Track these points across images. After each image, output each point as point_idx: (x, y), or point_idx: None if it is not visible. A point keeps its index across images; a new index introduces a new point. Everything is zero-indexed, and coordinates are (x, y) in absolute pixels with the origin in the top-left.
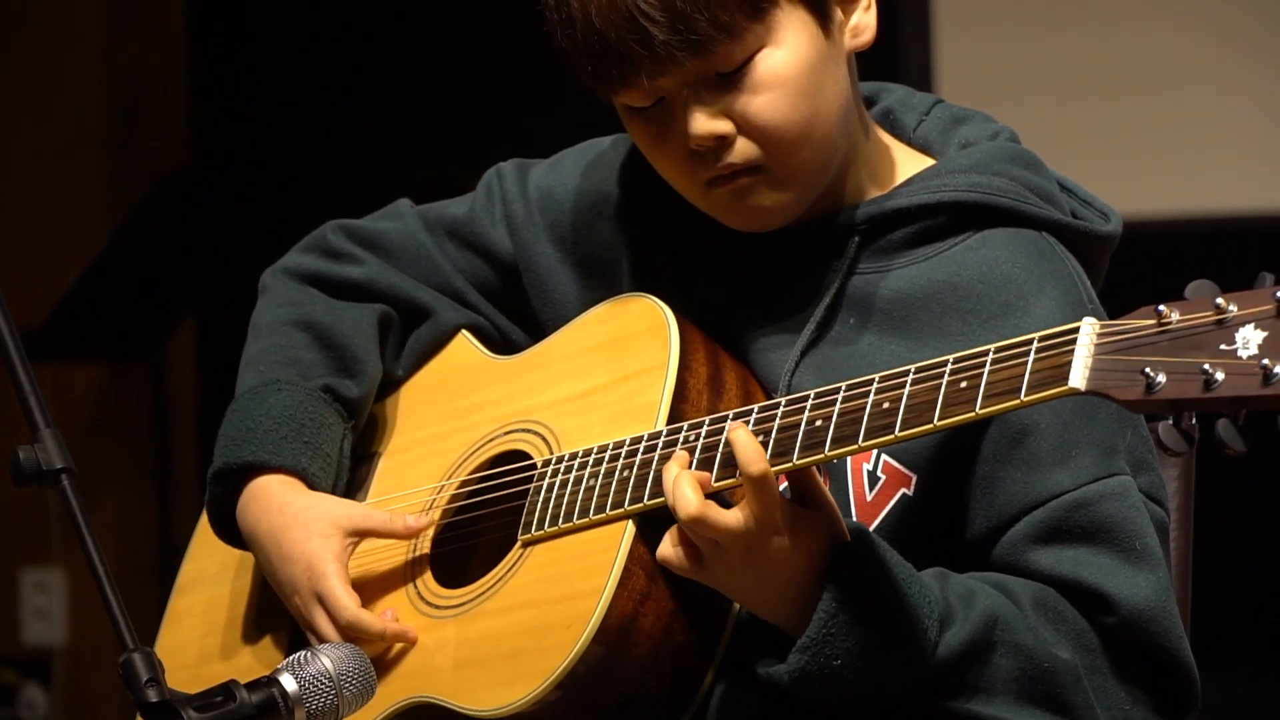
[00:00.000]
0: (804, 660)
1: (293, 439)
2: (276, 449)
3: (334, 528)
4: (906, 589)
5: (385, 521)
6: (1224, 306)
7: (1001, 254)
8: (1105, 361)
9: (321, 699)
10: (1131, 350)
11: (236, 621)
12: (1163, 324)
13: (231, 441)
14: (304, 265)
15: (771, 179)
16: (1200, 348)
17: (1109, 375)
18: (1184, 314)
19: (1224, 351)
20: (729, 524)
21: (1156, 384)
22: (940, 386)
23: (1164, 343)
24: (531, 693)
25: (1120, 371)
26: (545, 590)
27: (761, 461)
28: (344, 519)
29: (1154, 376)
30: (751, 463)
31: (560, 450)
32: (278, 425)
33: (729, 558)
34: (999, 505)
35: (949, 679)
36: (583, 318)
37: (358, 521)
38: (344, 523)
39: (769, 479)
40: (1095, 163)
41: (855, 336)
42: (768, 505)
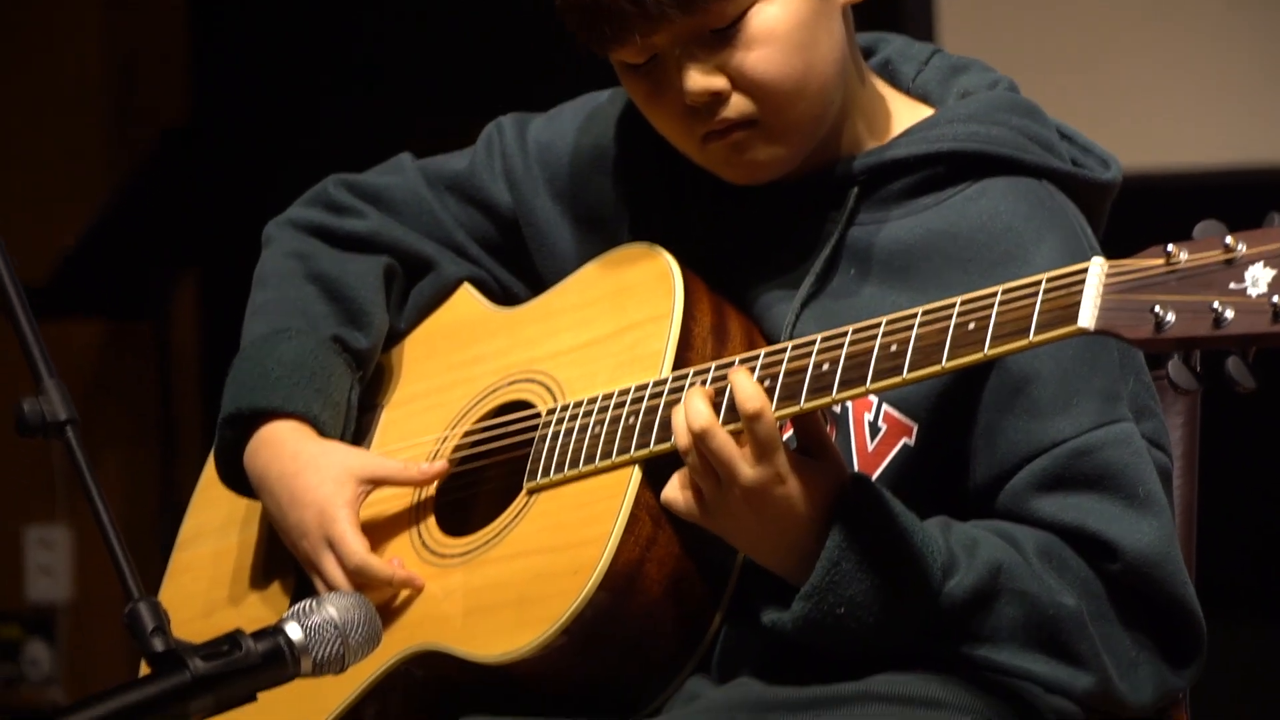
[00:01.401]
0: (808, 608)
1: (304, 386)
2: (289, 395)
3: (348, 475)
4: (910, 537)
5: (399, 469)
6: (1233, 245)
7: (1001, 203)
8: (1114, 301)
9: (327, 647)
10: (1140, 289)
11: (241, 573)
12: (1171, 263)
13: (243, 387)
14: (307, 218)
15: (767, 133)
16: (1209, 286)
17: (1118, 314)
18: (1193, 253)
19: (1233, 290)
20: (734, 452)
21: (1166, 322)
22: (948, 328)
23: (1173, 282)
24: (538, 639)
25: (1129, 311)
26: (551, 537)
27: (757, 400)
28: (358, 467)
29: (1163, 315)
30: (747, 401)
31: (565, 399)
32: (289, 372)
33: (733, 503)
34: (1001, 454)
35: (954, 627)
36: (585, 268)
37: (371, 469)
38: (358, 470)
39: (766, 418)
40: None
41: (856, 287)
42: (768, 447)
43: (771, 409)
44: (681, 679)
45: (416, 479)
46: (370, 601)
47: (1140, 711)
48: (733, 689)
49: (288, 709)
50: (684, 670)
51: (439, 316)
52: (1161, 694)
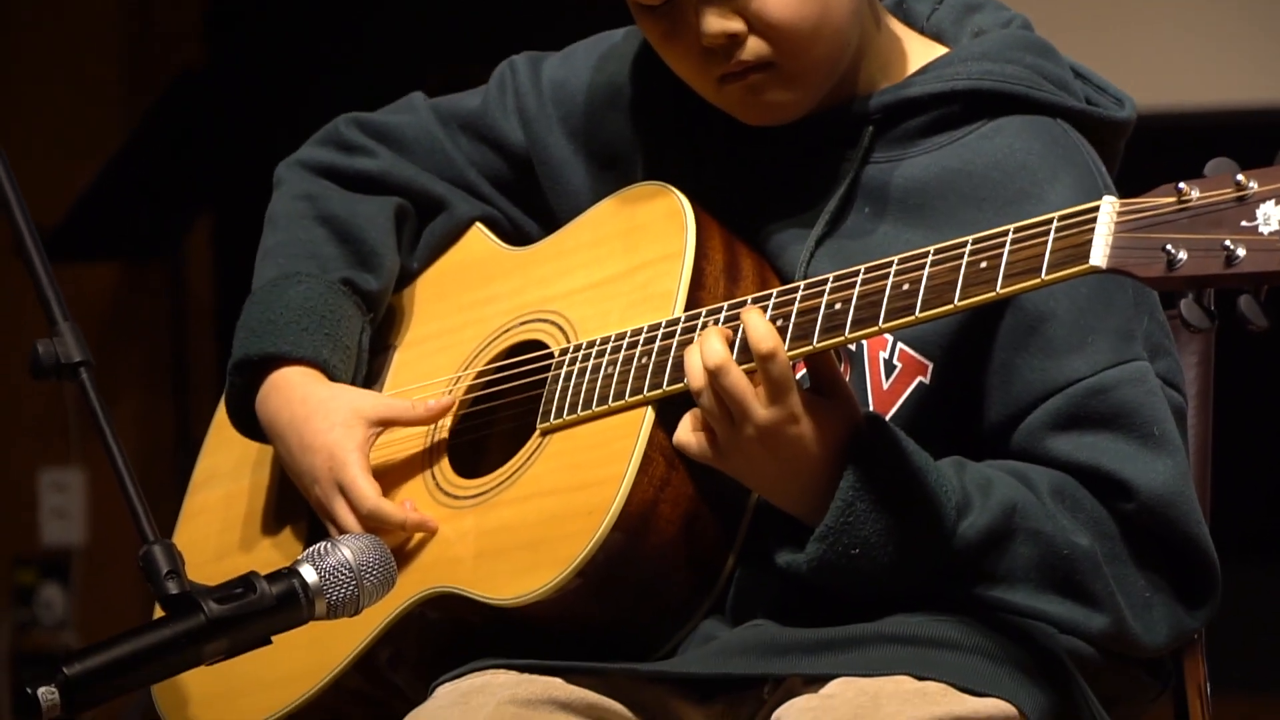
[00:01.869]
0: (822, 549)
1: (313, 331)
2: (298, 341)
3: (357, 418)
4: (925, 476)
5: (408, 409)
6: (1244, 183)
7: (1016, 141)
8: (1126, 239)
9: (342, 590)
10: (1152, 228)
11: (254, 516)
12: (1183, 201)
13: (252, 333)
14: (318, 158)
15: (783, 75)
16: (1221, 224)
17: (1130, 253)
18: (1204, 191)
19: (1245, 228)
20: (749, 390)
21: (1177, 261)
22: (960, 267)
23: (1184, 220)
24: (552, 581)
25: (1141, 249)
26: (564, 478)
27: (770, 340)
28: (367, 409)
29: (1175, 254)
30: (761, 340)
31: (577, 339)
32: (299, 317)
33: (747, 443)
34: (1016, 393)
35: (968, 567)
36: (597, 207)
37: (381, 411)
38: (367, 413)
39: (779, 358)
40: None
41: (870, 226)
42: (781, 387)
43: (784, 348)
44: (696, 621)
45: (424, 417)
46: (384, 544)
47: (1155, 652)
48: (747, 631)
49: (302, 652)
50: (698, 612)
51: (451, 256)
52: (1176, 634)
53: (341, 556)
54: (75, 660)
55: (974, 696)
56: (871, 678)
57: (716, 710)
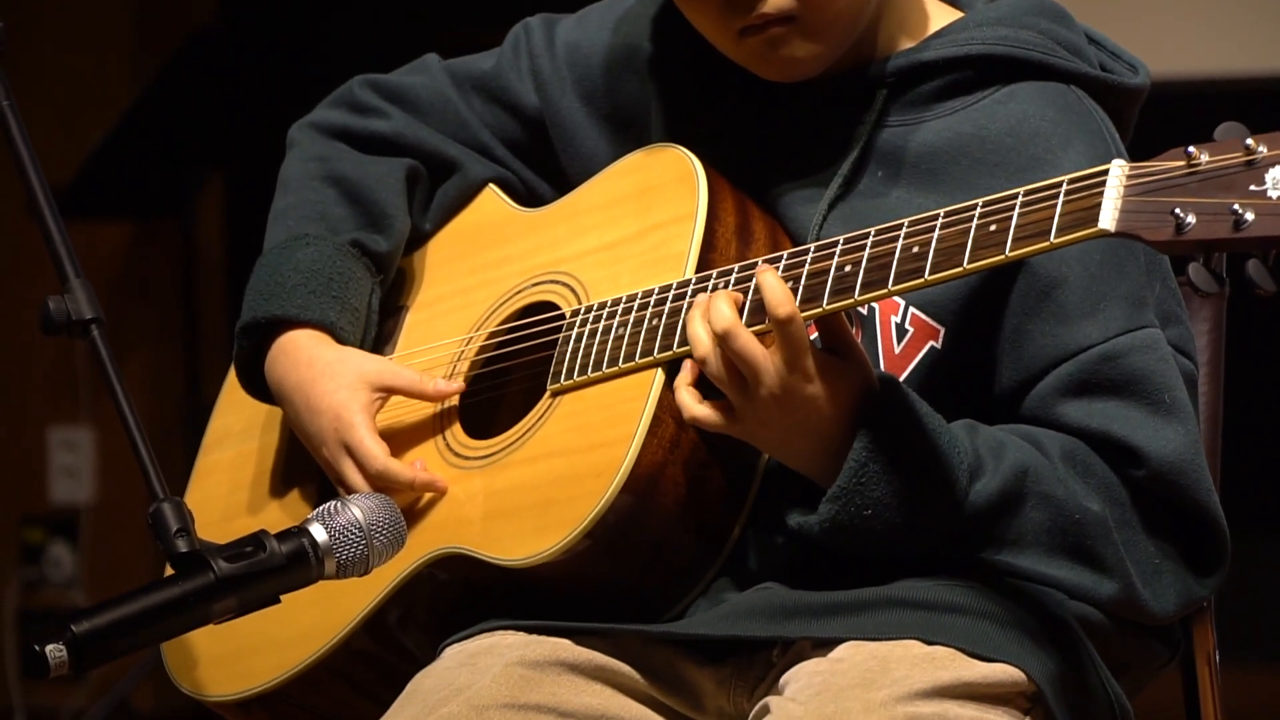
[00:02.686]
0: (835, 510)
1: (321, 293)
2: (305, 303)
3: (361, 381)
4: (937, 438)
5: (414, 381)
6: (1253, 147)
7: (1029, 107)
8: (1135, 203)
9: (352, 549)
10: (1161, 191)
11: (264, 476)
12: (1192, 165)
13: (260, 296)
14: (331, 119)
15: (805, 29)
16: (1230, 188)
17: (1138, 216)
18: (1213, 155)
19: (1254, 192)
20: (760, 352)
21: (1186, 224)
22: (970, 230)
23: (1193, 184)
24: (560, 542)
25: (1150, 213)
26: (574, 439)
27: (789, 304)
28: (372, 374)
29: (1183, 217)
30: (779, 304)
31: (589, 300)
32: (306, 280)
33: (761, 407)
34: (1027, 358)
35: (979, 530)
36: (610, 169)
37: (385, 378)
38: (371, 377)
39: (796, 321)
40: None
41: (883, 189)
42: (797, 349)
43: (799, 311)
44: (705, 583)
45: (430, 394)
46: (394, 504)
47: (1163, 620)
48: (756, 594)
49: (311, 612)
50: (707, 574)
51: (464, 218)
52: (1185, 602)
53: (351, 515)
54: (83, 618)
55: (982, 661)
56: (880, 642)
57: (725, 672)
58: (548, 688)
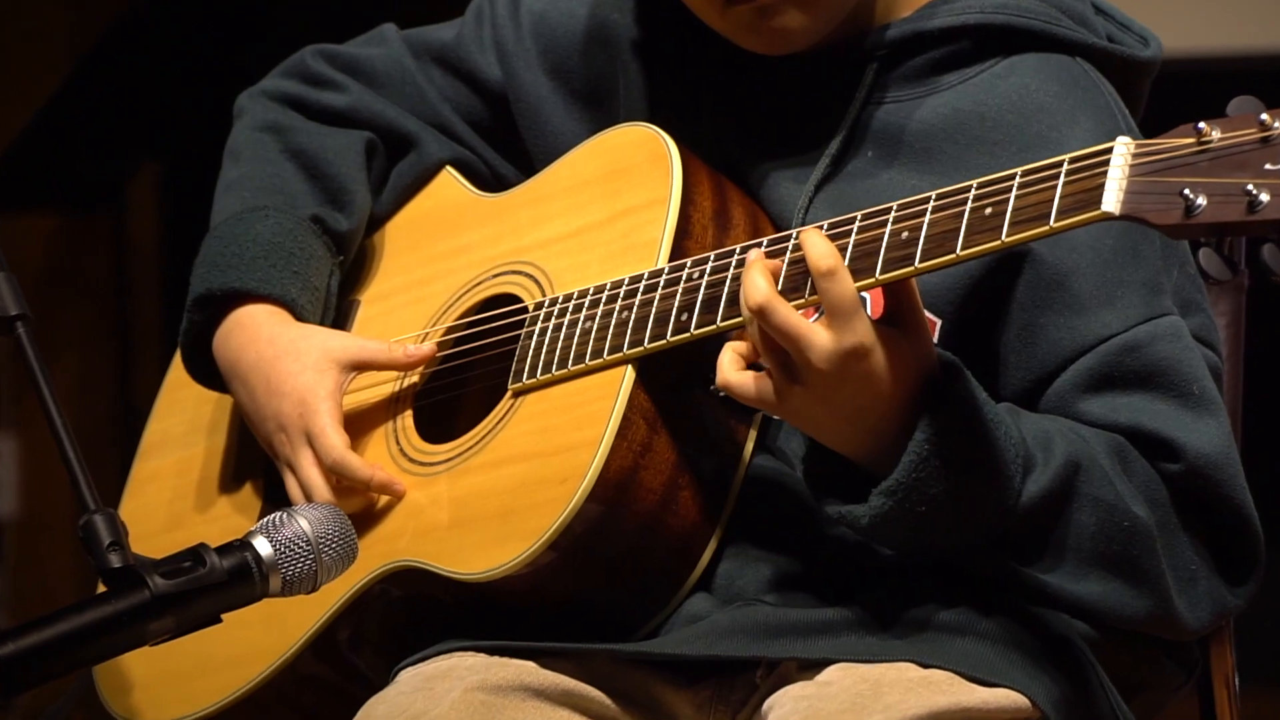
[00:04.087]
0: (888, 505)
1: (281, 268)
2: (265, 276)
3: (329, 361)
4: (995, 430)
5: (384, 352)
6: (1269, 123)
7: (1032, 81)
8: (1141, 184)
9: (298, 564)
10: (1169, 171)
11: (208, 484)
12: (1202, 143)
13: (214, 267)
14: (283, 89)
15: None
16: (1243, 167)
17: (1145, 198)
18: (1225, 132)
19: (1269, 171)
20: (799, 326)
21: (1196, 207)
22: (963, 213)
23: (1204, 163)
24: (523, 554)
25: (1157, 194)
26: (538, 443)
27: (832, 257)
28: (339, 351)
29: (1193, 199)
30: (821, 258)
31: (554, 292)
32: (266, 252)
33: (808, 383)
34: (1042, 355)
35: (1021, 531)
36: (577, 150)
37: (353, 353)
38: (339, 355)
39: (841, 275)
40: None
41: (874, 170)
42: (846, 313)
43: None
44: (680, 599)
45: (402, 362)
46: (345, 514)
47: (1195, 634)
48: (738, 610)
49: (255, 631)
50: (683, 589)
51: (420, 202)
52: (1219, 614)
53: (298, 528)
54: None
55: (983, 686)
56: (872, 664)
57: (704, 696)
58: (510, 714)
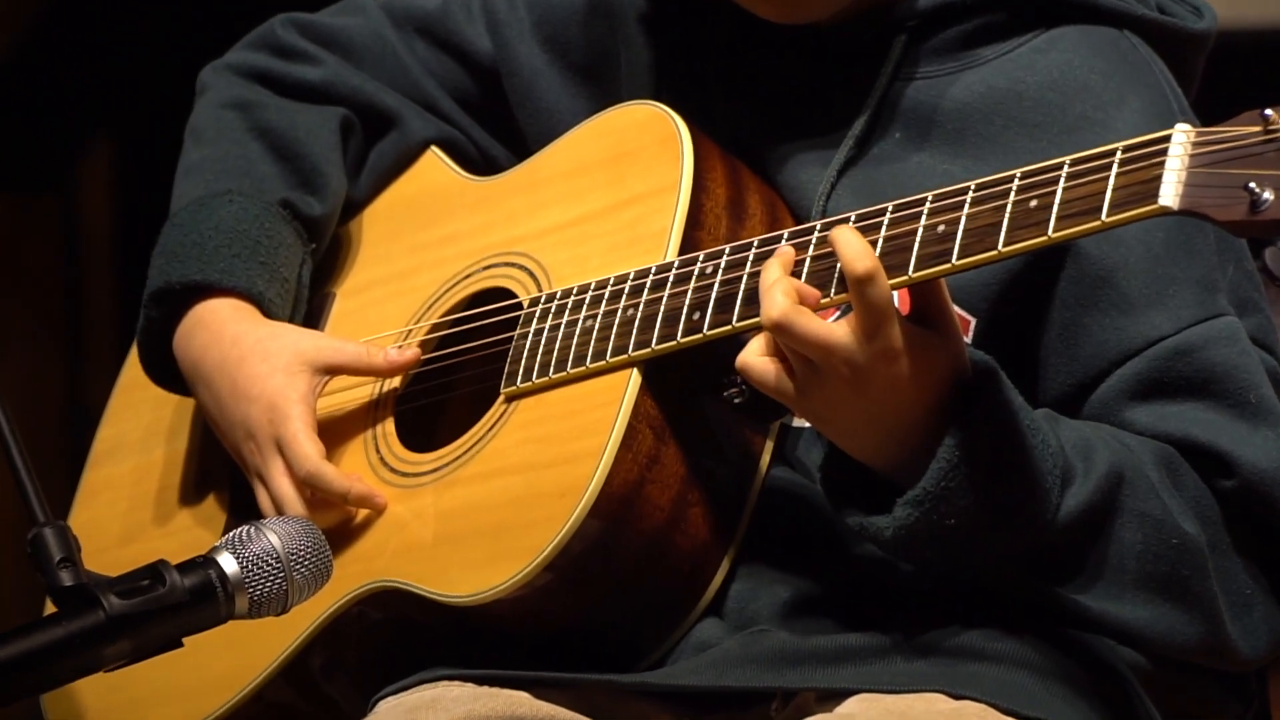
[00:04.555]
0: (914, 516)
1: (247, 258)
2: (229, 268)
3: (300, 362)
4: (1031, 438)
5: (362, 356)
6: None
7: (1075, 56)
8: (1202, 175)
9: (267, 583)
10: (1233, 162)
11: (167, 494)
12: (1270, 131)
13: (174, 258)
14: (250, 63)
15: None
16: None
17: (1206, 192)
18: None
19: None
20: (822, 337)
21: (1263, 202)
22: (1006, 206)
23: (1271, 153)
24: (516, 575)
25: (1219, 187)
26: (533, 453)
27: (869, 258)
28: (311, 351)
29: (1259, 193)
30: (857, 259)
31: (551, 287)
32: (230, 241)
33: (831, 383)
34: (1085, 357)
35: (1060, 548)
36: (577, 130)
37: (327, 355)
38: (311, 356)
39: (879, 281)
40: None
41: (902, 153)
42: (879, 317)
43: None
44: (688, 625)
45: (381, 368)
46: (319, 528)
47: (1251, 663)
48: (751, 637)
49: (220, 657)
50: (691, 614)
51: (402, 186)
52: (1276, 641)
53: (267, 543)
54: None
55: (1018, 719)
56: (898, 694)
57: None
58: None
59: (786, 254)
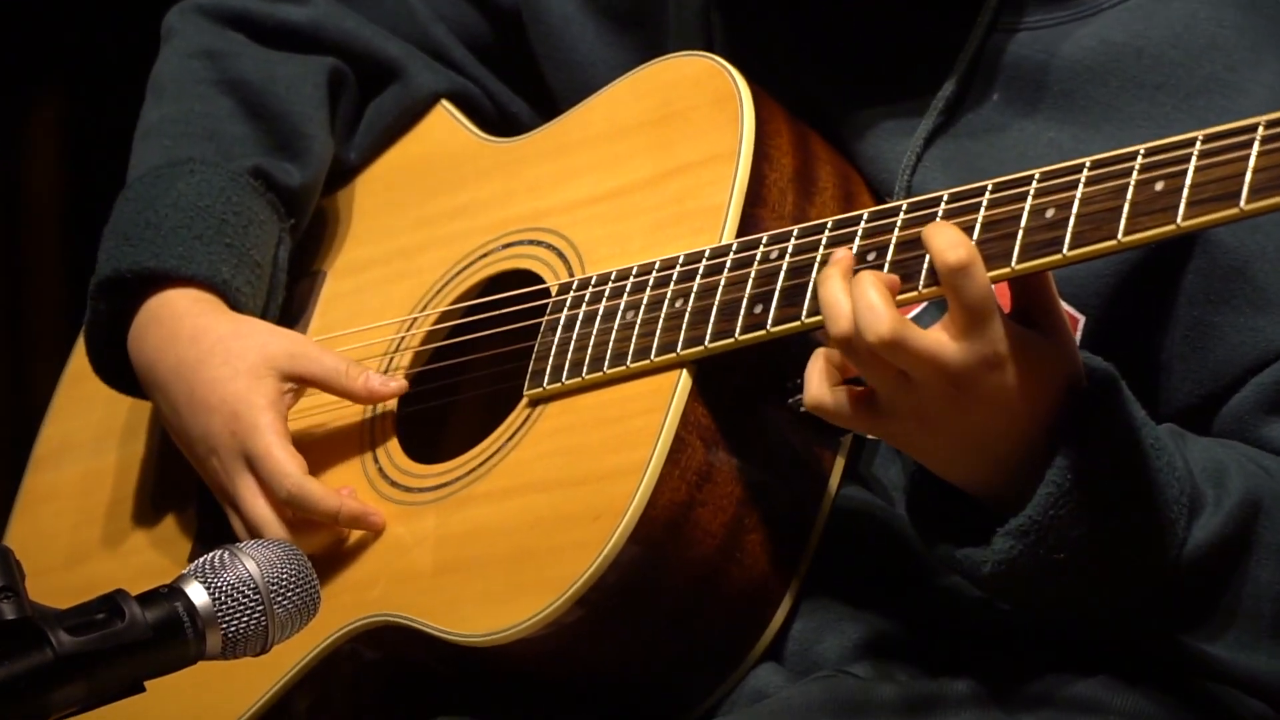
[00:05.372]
0: (1018, 549)
1: (210, 240)
2: (188, 252)
3: (267, 366)
4: (1156, 459)
5: (337, 372)
6: None
7: (1202, 7)
8: None
9: (243, 618)
10: None
11: (121, 507)
12: None
13: (125, 241)
14: (225, 2)
15: None
16: None
17: None
18: None
19: None
20: (935, 350)
21: None
22: (1127, 187)
23: None
24: (541, 611)
25: None
26: (562, 467)
27: (963, 245)
28: (281, 356)
29: None
30: (948, 247)
31: (584, 271)
32: (189, 220)
33: (925, 400)
34: (1215, 363)
35: (1187, 587)
36: (616, 86)
37: (299, 362)
38: (281, 360)
39: (976, 270)
40: None
41: (1000, 119)
42: (980, 315)
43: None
44: (743, 670)
45: (359, 394)
46: (303, 553)
47: None
48: (815, 684)
49: (189, 702)
50: (746, 658)
51: (406, 147)
52: None
53: (243, 571)
54: None
55: None
56: None
57: None
58: None
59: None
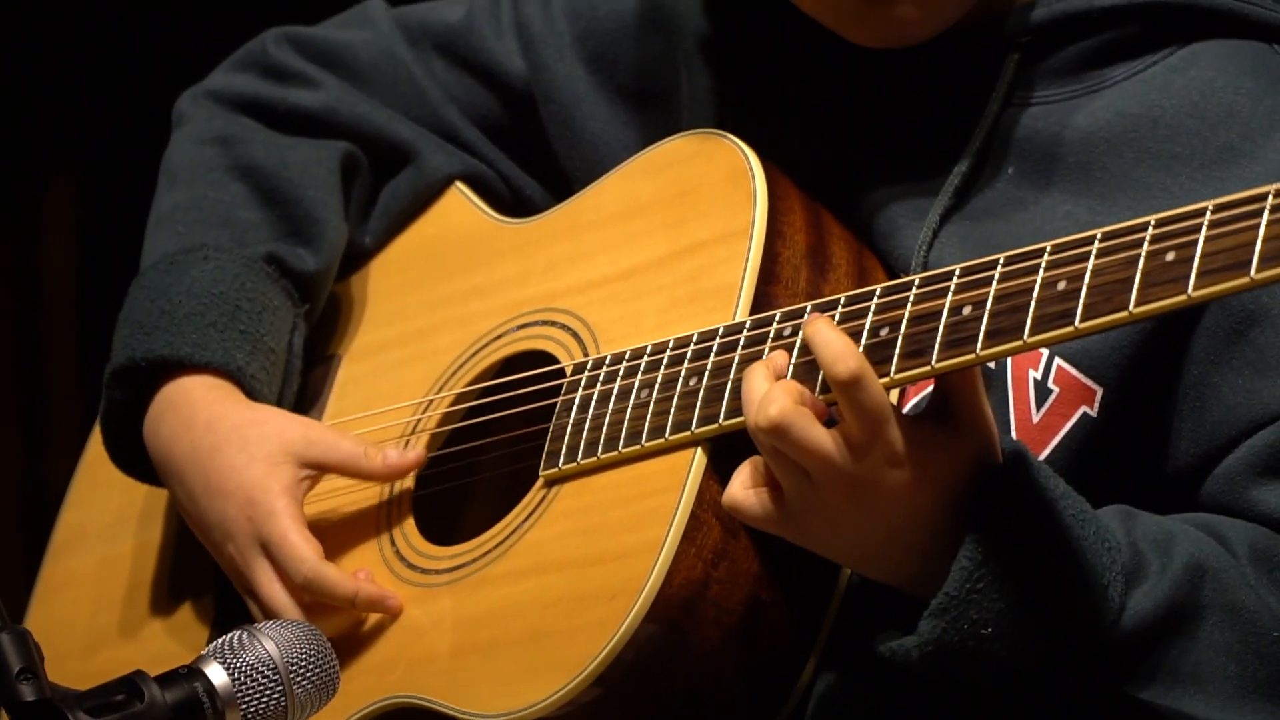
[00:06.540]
0: (939, 628)
1: (224, 327)
2: (202, 339)
3: (284, 453)
4: (1080, 529)
5: (356, 456)
6: None
7: (1218, 76)
8: None
9: (263, 698)
10: None
11: (140, 593)
12: None
13: (139, 329)
14: (237, 87)
15: None
16: None
17: None
18: None
19: None
20: (823, 445)
21: None
22: (1138, 258)
23: None
24: (558, 691)
25: None
26: (578, 547)
27: (851, 357)
28: (298, 442)
29: None
30: (837, 359)
31: (599, 351)
32: (204, 307)
33: (827, 500)
34: (1212, 423)
35: (1139, 658)
36: (628, 165)
37: (317, 449)
38: (298, 447)
39: (867, 382)
40: None
41: (1016, 194)
42: (875, 420)
43: (869, 367)
44: None
45: (378, 472)
46: (323, 634)
47: None
48: None
49: None
50: None
51: (420, 229)
52: None
53: (262, 651)
54: None
55: None
56: None
57: None
58: None
59: (775, 357)
